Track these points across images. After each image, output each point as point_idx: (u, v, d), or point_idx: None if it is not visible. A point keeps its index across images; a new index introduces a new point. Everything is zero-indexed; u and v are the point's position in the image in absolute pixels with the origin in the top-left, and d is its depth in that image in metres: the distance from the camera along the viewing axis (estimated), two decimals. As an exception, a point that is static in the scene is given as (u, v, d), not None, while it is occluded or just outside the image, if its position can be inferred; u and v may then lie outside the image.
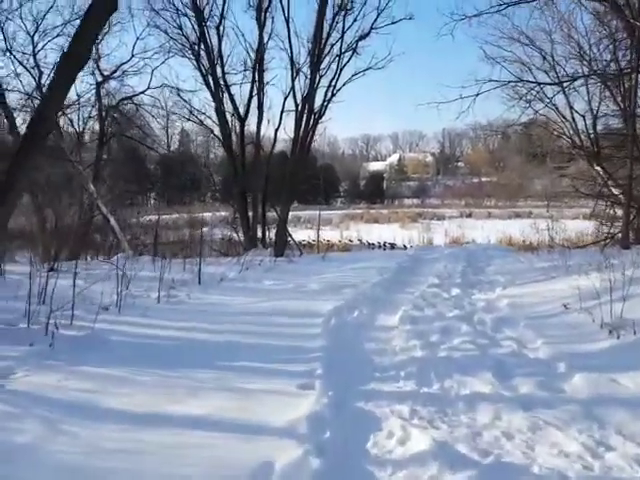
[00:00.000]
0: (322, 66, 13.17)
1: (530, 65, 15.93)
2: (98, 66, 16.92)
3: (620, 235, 11.78)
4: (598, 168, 15.87)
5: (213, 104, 13.66)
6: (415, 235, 28.93)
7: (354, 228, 38.84)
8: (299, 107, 13.08)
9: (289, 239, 13.80)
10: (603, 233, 14.25)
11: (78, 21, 13.59)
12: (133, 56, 17.17)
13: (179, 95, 15.03)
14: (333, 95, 13.33)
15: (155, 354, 4.99)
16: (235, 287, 8.55)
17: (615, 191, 15.18)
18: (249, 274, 9.76)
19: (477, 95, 12.39)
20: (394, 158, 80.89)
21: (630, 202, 10.76)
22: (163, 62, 16.85)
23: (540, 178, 60.55)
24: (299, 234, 26.25)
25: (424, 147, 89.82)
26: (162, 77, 16.33)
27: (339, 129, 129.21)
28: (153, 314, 6.49)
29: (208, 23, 13.50)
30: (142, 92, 17.50)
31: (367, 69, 13.58)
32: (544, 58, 15.73)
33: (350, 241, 33.49)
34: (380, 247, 32.07)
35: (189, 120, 15.26)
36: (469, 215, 48.73)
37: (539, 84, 13.84)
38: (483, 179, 66.99)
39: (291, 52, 13.37)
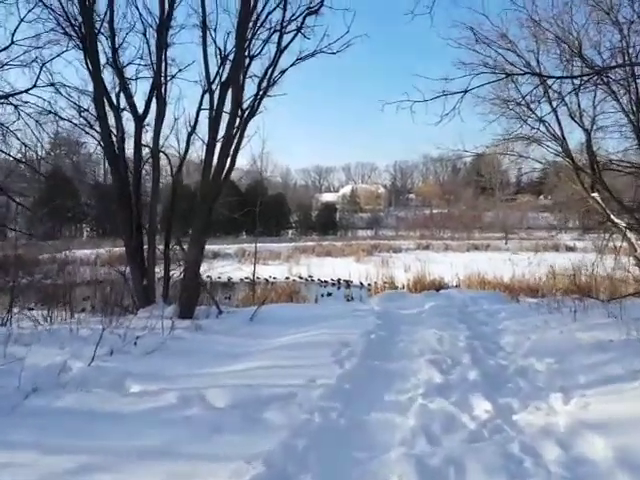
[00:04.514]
0: (255, 47, 9.34)
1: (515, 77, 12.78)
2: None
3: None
4: (595, 195, 12.71)
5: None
6: (372, 270, 25.31)
7: (305, 262, 35.11)
8: (215, 97, 9.03)
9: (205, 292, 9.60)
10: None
11: None
12: (13, 43, 12.75)
13: (59, 92, 10.64)
14: (270, 85, 9.41)
15: None
16: (54, 412, 4.31)
17: (619, 221, 12.06)
18: (108, 368, 5.53)
19: (465, 92, 8.65)
20: (347, 189, 79.38)
21: None
22: (58, 55, 12.35)
23: (490, 210, 59.85)
24: (240, 272, 22.30)
25: (376, 179, 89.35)
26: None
27: (292, 160, 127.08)
28: None
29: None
30: (25, 91, 13.09)
31: (316, 52, 9.71)
32: (529, 65, 12.56)
33: (300, 278, 29.66)
34: (334, 285, 28.52)
35: (68, 121, 10.81)
36: (426, 247, 46.07)
37: (557, 78, 10.34)
38: (434, 211, 65.96)
39: (203, 14, 9.31)
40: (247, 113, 9.26)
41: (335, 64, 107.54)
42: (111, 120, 9.67)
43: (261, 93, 9.37)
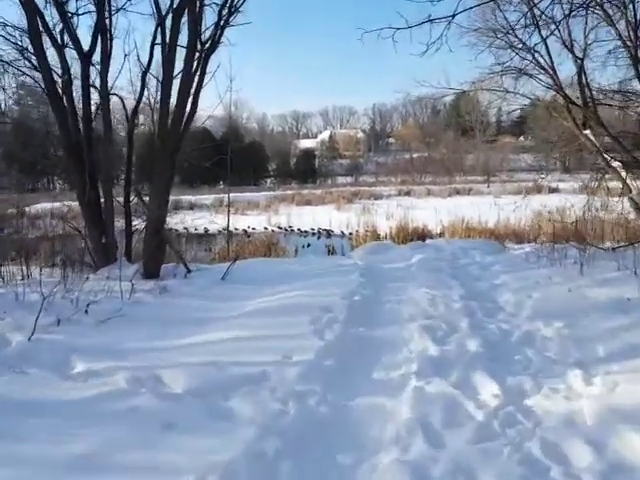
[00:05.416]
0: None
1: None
2: None
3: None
4: (587, 132, 11.90)
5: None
6: (353, 218, 24.72)
7: (284, 211, 34.24)
8: (167, 28, 7.88)
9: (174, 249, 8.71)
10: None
11: None
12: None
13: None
14: (232, 13, 8.25)
15: None
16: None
17: (614, 163, 11.34)
18: (52, 341, 4.74)
19: (453, 16, 7.57)
20: (325, 135, 77.38)
21: None
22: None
23: (472, 153, 58.70)
24: (216, 223, 21.62)
25: (355, 124, 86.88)
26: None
27: (268, 106, 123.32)
28: None
29: None
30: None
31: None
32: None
33: (279, 228, 28.88)
34: (314, 235, 27.82)
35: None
36: (407, 193, 45.24)
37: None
38: (414, 155, 64.80)
39: None
40: (207, 46, 8.13)
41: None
42: (56, 60, 8.51)
43: (222, 22, 8.19)
